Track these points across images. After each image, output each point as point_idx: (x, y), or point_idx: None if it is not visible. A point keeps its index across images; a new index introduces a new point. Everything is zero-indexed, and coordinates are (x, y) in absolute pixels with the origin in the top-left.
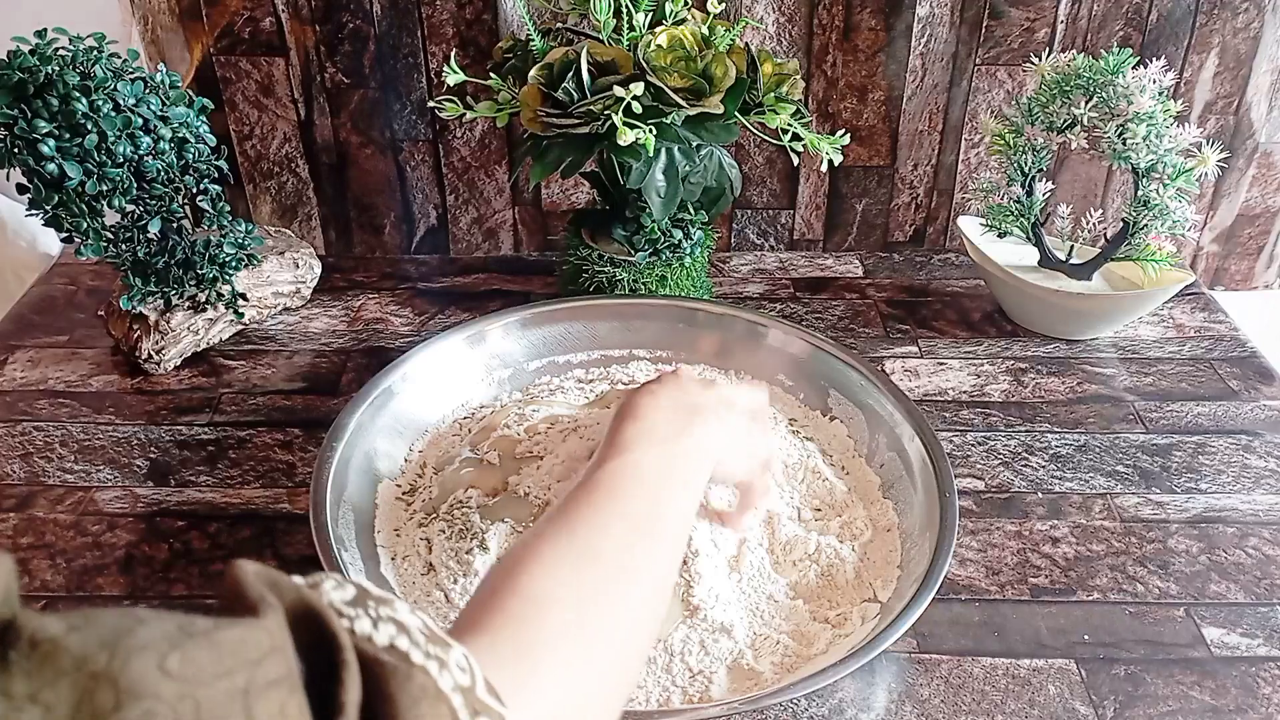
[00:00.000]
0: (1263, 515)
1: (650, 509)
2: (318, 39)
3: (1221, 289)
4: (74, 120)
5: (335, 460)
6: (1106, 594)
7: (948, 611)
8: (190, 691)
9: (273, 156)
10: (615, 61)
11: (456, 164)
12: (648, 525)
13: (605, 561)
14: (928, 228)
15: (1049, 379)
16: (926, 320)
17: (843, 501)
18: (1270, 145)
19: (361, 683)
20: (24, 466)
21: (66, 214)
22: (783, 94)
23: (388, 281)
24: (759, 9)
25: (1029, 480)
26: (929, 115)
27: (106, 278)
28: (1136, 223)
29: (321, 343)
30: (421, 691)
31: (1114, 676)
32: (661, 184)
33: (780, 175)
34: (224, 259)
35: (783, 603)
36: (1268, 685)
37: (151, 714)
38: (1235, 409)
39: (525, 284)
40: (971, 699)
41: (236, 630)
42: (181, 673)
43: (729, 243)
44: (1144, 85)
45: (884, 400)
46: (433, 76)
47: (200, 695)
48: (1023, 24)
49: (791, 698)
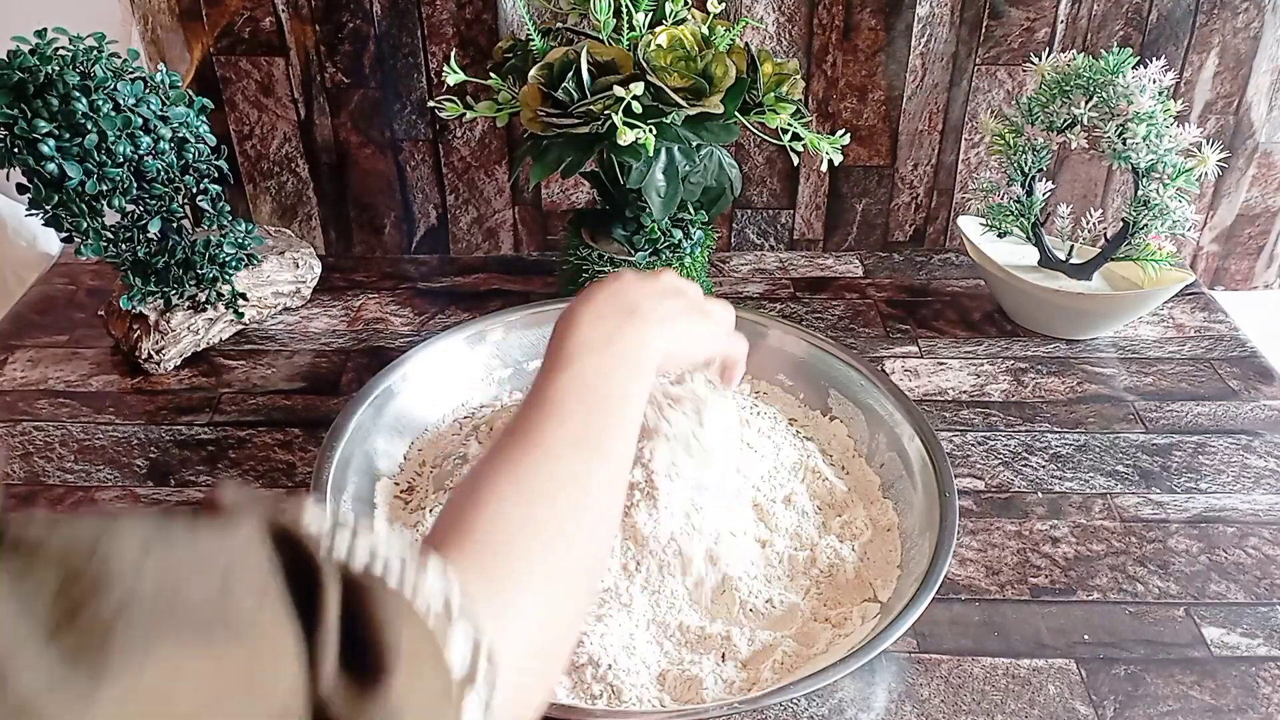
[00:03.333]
0: (1263, 515)
1: (600, 424)
2: (318, 39)
3: (1221, 289)
4: (74, 120)
5: (335, 460)
6: (1106, 594)
7: (948, 611)
8: (170, 582)
9: (273, 156)
10: (615, 61)
11: (456, 164)
12: (597, 442)
13: (560, 482)
14: (928, 228)
15: (1049, 379)
16: (926, 320)
17: (843, 501)
18: (1270, 145)
19: (341, 600)
20: (24, 466)
21: (66, 214)
22: (783, 94)
23: (388, 281)
24: (759, 9)
25: (1029, 480)
26: (929, 115)
27: (106, 278)
28: (1136, 223)
29: (321, 343)
30: (397, 610)
31: (1114, 676)
32: (661, 184)
33: (780, 175)
34: (224, 259)
35: (784, 601)
36: (1268, 685)
37: (132, 596)
38: (1235, 409)
39: (525, 284)
40: (971, 699)
41: (213, 530)
42: (161, 565)
43: (729, 243)
44: (1144, 85)
45: (884, 400)
46: (433, 76)
47: (180, 587)
48: (1023, 24)
49: (791, 697)
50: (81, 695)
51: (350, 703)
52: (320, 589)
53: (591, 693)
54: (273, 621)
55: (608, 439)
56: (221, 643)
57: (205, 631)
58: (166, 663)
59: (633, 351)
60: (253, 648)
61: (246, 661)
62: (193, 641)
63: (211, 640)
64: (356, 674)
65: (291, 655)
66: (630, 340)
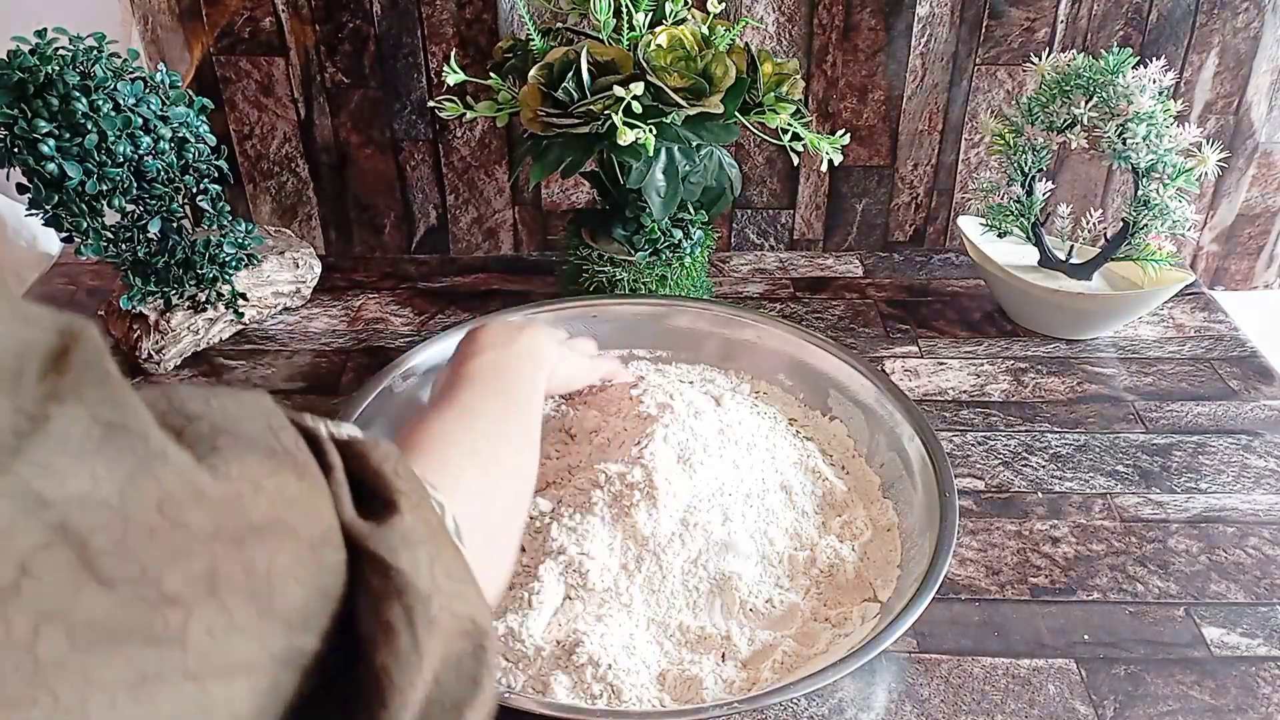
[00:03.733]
0: (1263, 515)
1: (505, 385)
2: (318, 39)
3: (1221, 289)
4: (74, 120)
5: None
6: (1106, 594)
7: (948, 611)
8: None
9: (273, 156)
10: (615, 61)
11: (456, 164)
12: (505, 391)
13: (485, 417)
14: (928, 228)
15: (1049, 379)
16: (926, 320)
17: (843, 501)
18: (1270, 145)
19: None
20: None
21: (66, 214)
22: (783, 94)
23: (388, 281)
24: (759, 9)
25: (1029, 480)
26: (929, 115)
27: (106, 278)
28: (1136, 222)
29: (321, 342)
30: (389, 451)
31: (1114, 676)
32: (661, 184)
33: (780, 175)
34: (224, 259)
35: (784, 600)
36: (1268, 685)
37: (215, 423)
38: (1235, 409)
39: (525, 284)
40: (971, 699)
41: (246, 392)
42: (223, 408)
43: (729, 243)
44: (1144, 85)
45: (884, 400)
46: (433, 76)
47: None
48: (1023, 24)
49: (791, 697)
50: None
51: (370, 533)
52: (323, 448)
53: (591, 693)
54: (308, 457)
55: (516, 409)
56: (283, 468)
57: (270, 457)
58: (250, 472)
59: (530, 350)
60: (301, 476)
61: (298, 487)
62: (264, 463)
63: (277, 465)
64: (367, 514)
65: (324, 489)
66: (526, 341)
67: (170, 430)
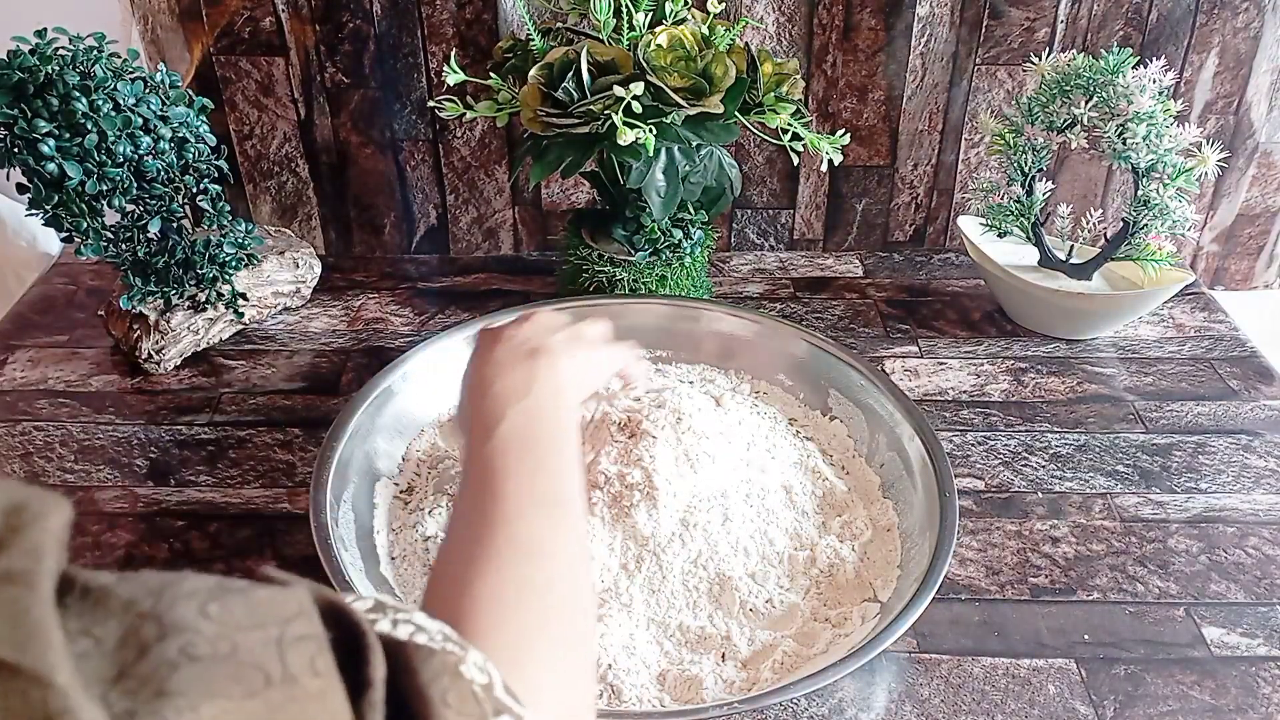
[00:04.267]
0: (1263, 515)
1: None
2: (318, 39)
3: (1221, 289)
4: (74, 120)
5: (335, 460)
6: (1106, 594)
7: (948, 611)
8: (228, 634)
9: (273, 156)
10: (615, 61)
11: (456, 164)
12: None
13: (540, 552)
14: (928, 227)
15: (1049, 379)
16: (926, 320)
17: (843, 501)
18: (1270, 145)
19: (386, 668)
20: (24, 466)
21: (66, 214)
22: (783, 94)
23: (388, 281)
24: (759, 9)
25: (1029, 480)
26: (929, 115)
27: (106, 278)
28: (1136, 222)
29: (321, 342)
30: (443, 667)
31: (1114, 676)
32: (661, 184)
33: (780, 175)
34: (224, 259)
35: (784, 601)
36: (1268, 685)
37: (192, 645)
38: (1235, 409)
39: (525, 284)
40: (971, 699)
41: (269, 590)
42: (220, 617)
43: (729, 242)
44: (1144, 85)
45: (884, 400)
46: (433, 76)
47: (237, 638)
48: (1023, 24)
49: (791, 697)
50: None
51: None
52: (366, 656)
53: None
54: (325, 679)
55: (559, 483)
56: (277, 697)
57: (261, 684)
58: (222, 714)
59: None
60: (305, 703)
61: (298, 716)
62: (247, 694)
63: (268, 694)
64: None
65: (343, 714)
66: (545, 378)
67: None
